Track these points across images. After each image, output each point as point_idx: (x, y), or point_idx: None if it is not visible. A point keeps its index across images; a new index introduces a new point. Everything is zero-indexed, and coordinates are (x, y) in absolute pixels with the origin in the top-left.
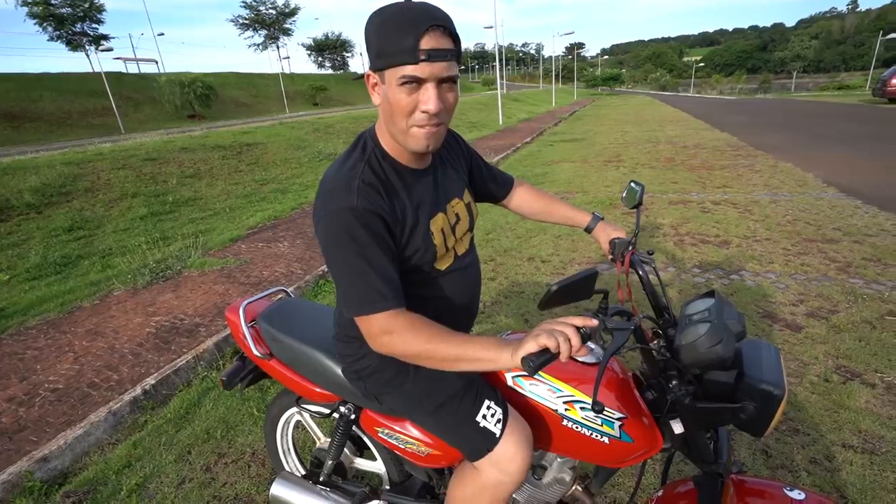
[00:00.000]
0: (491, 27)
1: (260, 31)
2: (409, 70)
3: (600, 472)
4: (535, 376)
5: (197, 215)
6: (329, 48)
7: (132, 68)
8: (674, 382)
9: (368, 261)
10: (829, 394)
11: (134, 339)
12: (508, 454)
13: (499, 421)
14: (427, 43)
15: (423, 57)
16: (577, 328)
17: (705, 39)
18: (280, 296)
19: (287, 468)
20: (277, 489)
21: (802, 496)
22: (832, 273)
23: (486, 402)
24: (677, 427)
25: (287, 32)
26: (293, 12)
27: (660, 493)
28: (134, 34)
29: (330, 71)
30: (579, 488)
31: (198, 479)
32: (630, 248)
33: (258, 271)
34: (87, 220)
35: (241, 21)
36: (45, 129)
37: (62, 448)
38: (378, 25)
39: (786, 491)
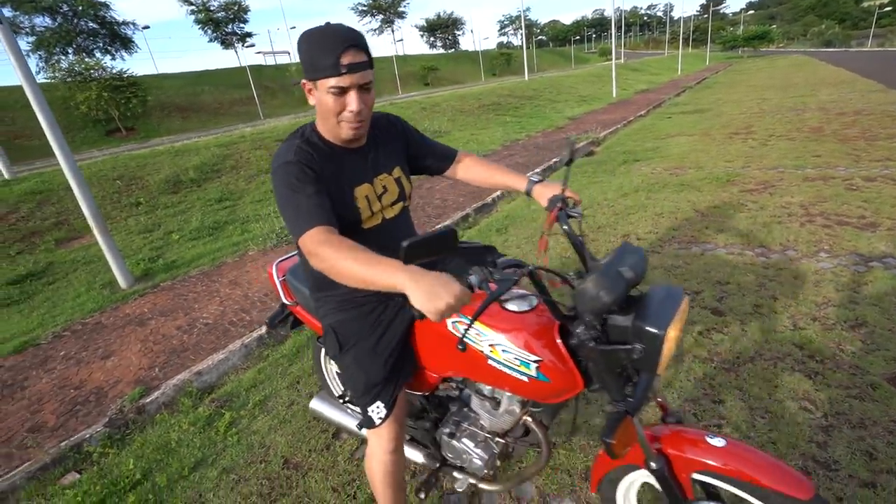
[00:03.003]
0: None
1: (377, 17)
2: (335, 81)
3: (546, 407)
4: (464, 319)
5: None
6: (441, 27)
7: (269, 61)
8: (580, 328)
9: (301, 196)
10: None
11: (262, 289)
12: (379, 436)
13: (380, 418)
14: (346, 59)
15: (344, 70)
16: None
17: None
18: None
19: (333, 390)
20: (315, 404)
21: (723, 443)
22: None
23: (378, 404)
24: (592, 369)
25: (401, 15)
26: None
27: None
28: (271, 29)
29: (441, 50)
30: (529, 419)
31: (302, 403)
32: (559, 203)
33: None
34: (232, 192)
35: (360, 8)
36: (205, 118)
37: (210, 367)
38: (308, 45)
39: (707, 438)
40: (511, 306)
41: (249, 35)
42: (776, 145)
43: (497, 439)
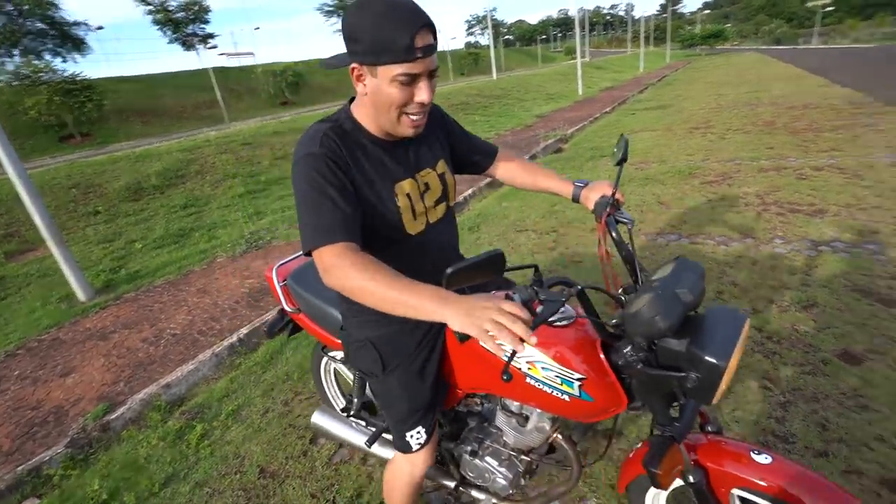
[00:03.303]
0: None
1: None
2: (406, 68)
3: (579, 425)
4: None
5: (285, 192)
6: None
7: (234, 62)
8: (627, 349)
9: (323, 200)
10: None
11: (232, 297)
12: (413, 461)
13: (419, 443)
14: (420, 41)
15: (419, 55)
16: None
17: None
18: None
19: (333, 403)
20: (316, 418)
21: (769, 459)
22: None
23: (419, 429)
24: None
25: None
26: None
27: (639, 446)
28: (234, 30)
29: None
30: (559, 436)
31: (278, 411)
32: (608, 207)
33: None
34: (197, 198)
35: (326, 9)
36: (167, 123)
37: (180, 378)
38: (370, 22)
39: (752, 454)
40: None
41: (211, 36)
42: (733, 139)
43: (522, 457)
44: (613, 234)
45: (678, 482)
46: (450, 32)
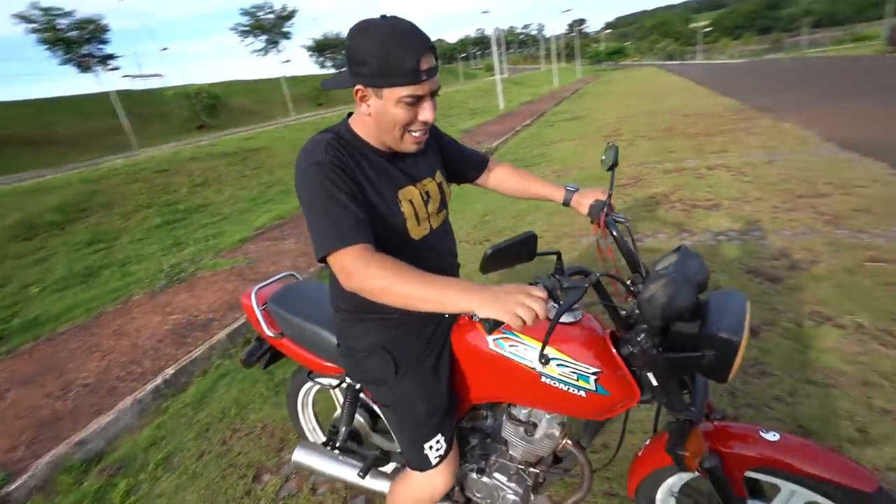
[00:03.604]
0: (488, 11)
1: (260, 37)
2: (412, 90)
3: (588, 427)
4: (513, 336)
5: (207, 221)
6: (329, 47)
7: (139, 84)
8: (641, 336)
9: (334, 205)
10: (800, 338)
11: (154, 336)
12: (433, 481)
13: (439, 456)
14: (425, 63)
15: (424, 77)
16: (544, 300)
17: (711, 3)
18: (289, 280)
19: (309, 436)
20: (299, 455)
21: (777, 437)
22: (819, 226)
23: (438, 437)
24: (654, 379)
25: (286, 35)
26: (290, 15)
27: (648, 442)
28: (139, 51)
29: (333, 70)
30: (569, 442)
31: (215, 451)
32: (604, 209)
33: (266, 267)
34: (105, 232)
35: (241, 28)
36: (61, 151)
37: (96, 432)
38: (377, 46)
39: (760, 433)
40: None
41: (112, 57)
42: (640, 144)
43: (530, 469)
44: (615, 233)
45: (688, 475)
46: None
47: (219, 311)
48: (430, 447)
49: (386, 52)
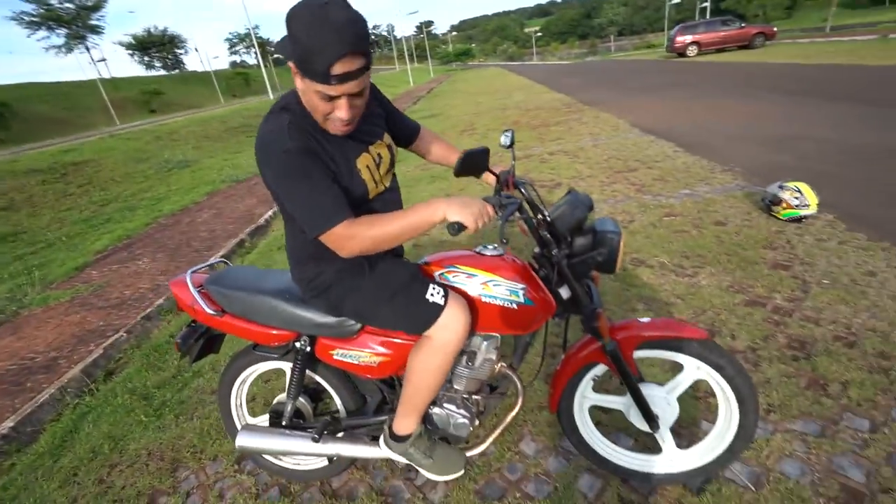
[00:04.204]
0: None
1: (57, 31)
2: (324, 89)
3: (517, 348)
4: (453, 269)
5: (25, 250)
6: (155, 45)
7: None
8: (555, 250)
9: (314, 187)
10: (623, 279)
11: None
12: (453, 316)
13: (443, 296)
14: (340, 68)
15: (334, 82)
16: (493, 210)
17: (540, 11)
18: (220, 266)
19: (238, 420)
20: (243, 439)
21: (648, 320)
22: (632, 193)
23: (432, 285)
24: (564, 293)
25: (95, 30)
26: (97, 6)
27: (563, 357)
28: None
29: (162, 72)
30: (503, 364)
31: (92, 492)
32: (511, 174)
33: (118, 292)
34: None
35: (26, 19)
36: None
37: None
38: (299, 33)
39: (638, 320)
40: (488, 252)
41: None
42: (493, 137)
43: (473, 397)
44: (522, 190)
45: (606, 398)
46: (211, 51)
47: (65, 346)
48: (431, 294)
49: (306, 44)
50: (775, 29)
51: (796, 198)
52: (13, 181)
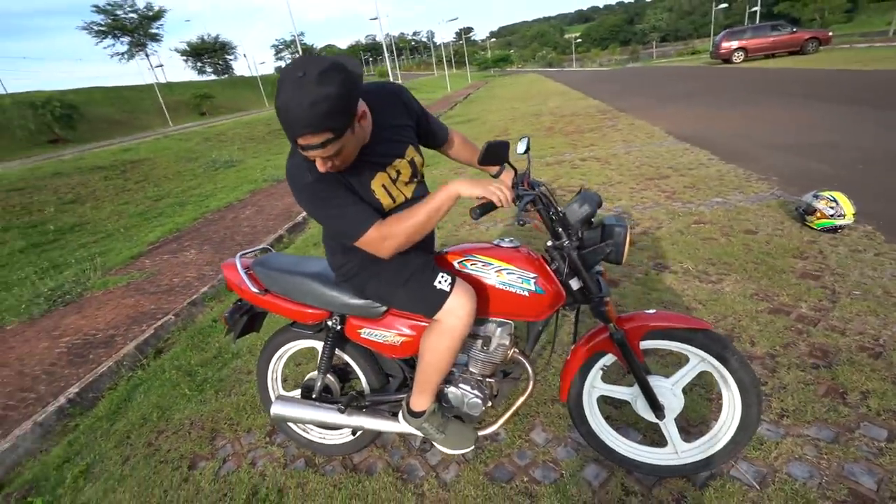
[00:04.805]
0: (376, 18)
1: (122, 39)
2: (298, 148)
3: (530, 335)
4: (471, 258)
5: (88, 239)
6: (207, 51)
7: None
8: (566, 241)
9: (340, 206)
10: (645, 283)
11: (44, 361)
12: (458, 302)
13: (450, 284)
14: (302, 142)
15: (300, 150)
16: (511, 191)
17: (581, 17)
18: (266, 252)
19: (273, 392)
20: (277, 408)
21: (654, 311)
22: (661, 200)
23: (440, 274)
24: (575, 284)
25: (155, 38)
26: (158, 15)
27: (572, 348)
28: None
29: (213, 76)
30: (516, 351)
31: (141, 454)
32: (527, 175)
33: (168, 280)
34: None
35: (95, 28)
36: None
37: None
38: (279, 101)
39: (645, 311)
40: (505, 244)
41: None
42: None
43: (487, 380)
44: (537, 190)
45: (614, 388)
46: (259, 57)
47: (121, 326)
48: (439, 282)
49: (279, 114)
50: (830, 34)
51: (831, 207)
52: (80, 177)
